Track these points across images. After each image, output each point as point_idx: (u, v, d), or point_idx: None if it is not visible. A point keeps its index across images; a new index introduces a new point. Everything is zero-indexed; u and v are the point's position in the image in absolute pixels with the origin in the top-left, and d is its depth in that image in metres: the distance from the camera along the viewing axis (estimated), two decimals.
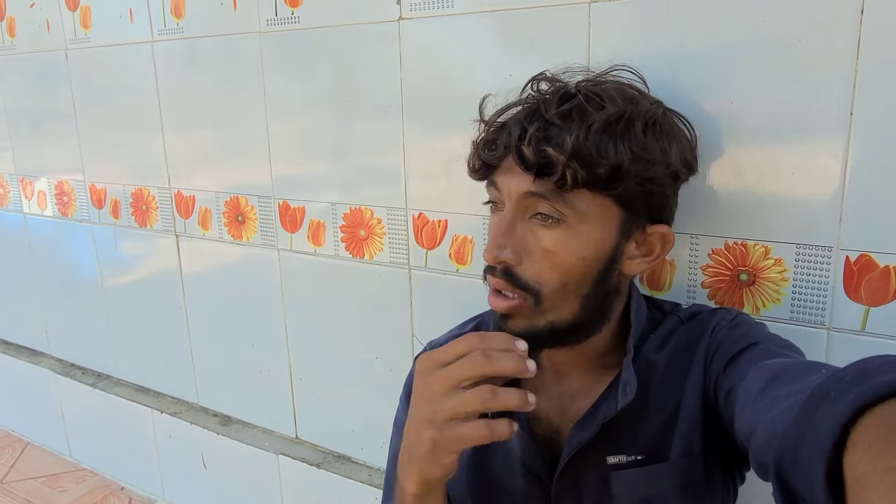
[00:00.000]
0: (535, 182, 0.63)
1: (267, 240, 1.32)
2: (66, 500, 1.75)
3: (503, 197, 0.67)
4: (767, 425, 0.46)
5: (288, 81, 1.21)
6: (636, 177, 0.63)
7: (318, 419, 1.38)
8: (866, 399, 0.33)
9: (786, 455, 0.40)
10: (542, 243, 0.64)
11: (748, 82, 0.78)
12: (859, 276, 0.76)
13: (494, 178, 0.68)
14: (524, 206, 0.65)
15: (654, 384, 0.70)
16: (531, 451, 0.71)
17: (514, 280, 0.65)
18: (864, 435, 0.32)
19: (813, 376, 0.46)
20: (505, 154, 0.66)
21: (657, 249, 0.70)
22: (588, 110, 0.63)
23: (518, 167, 0.64)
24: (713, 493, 0.71)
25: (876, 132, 0.72)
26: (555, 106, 0.64)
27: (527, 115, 0.65)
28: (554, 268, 0.64)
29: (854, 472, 0.32)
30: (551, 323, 0.66)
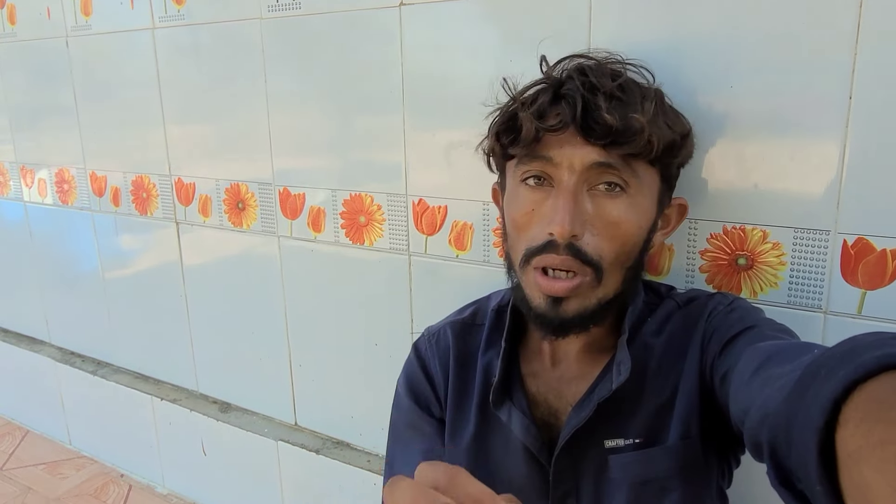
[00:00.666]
0: (606, 151, 0.62)
1: (267, 227, 1.32)
2: (65, 486, 1.75)
3: (559, 171, 0.64)
4: (760, 406, 0.46)
5: (289, 68, 1.21)
6: (684, 149, 0.69)
7: (317, 406, 1.38)
8: (857, 375, 0.33)
9: (779, 434, 0.40)
10: (606, 214, 0.64)
11: (747, 67, 0.78)
12: (856, 260, 0.77)
13: (545, 153, 0.64)
14: (587, 177, 0.64)
15: (652, 368, 0.71)
16: (531, 434, 0.71)
17: (580, 255, 0.64)
18: (856, 410, 0.32)
19: (805, 356, 0.46)
20: (567, 125, 0.63)
21: (673, 221, 0.75)
22: (637, 86, 0.67)
23: (580, 139, 0.63)
24: (709, 475, 0.71)
25: (874, 117, 0.73)
26: (609, 79, 0.65)
27: (585, 87, 0.64)
28: (614, 238, 0.65)
29: (846, 447, 0.32)
30: (600, 299, 0.66)
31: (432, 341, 0.82)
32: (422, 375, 0.81)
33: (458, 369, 0.79)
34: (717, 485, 0.73)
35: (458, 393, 0.79)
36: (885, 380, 0.32)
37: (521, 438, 0.71)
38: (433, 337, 0.83)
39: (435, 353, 0.81)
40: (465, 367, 0.79)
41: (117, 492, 1.72)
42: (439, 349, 0.81)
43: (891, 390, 0.31)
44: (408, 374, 0.83)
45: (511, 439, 0.73)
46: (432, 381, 0.81)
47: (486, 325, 0.80)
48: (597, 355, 0.73)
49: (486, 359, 0.78)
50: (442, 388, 0.80)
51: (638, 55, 0.74)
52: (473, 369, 0.79)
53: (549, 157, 0.64)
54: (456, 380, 0.79)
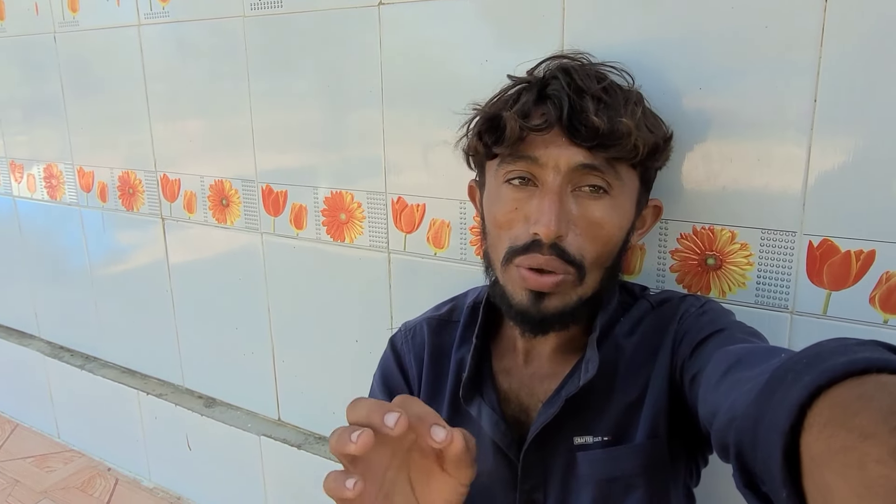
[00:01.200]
0: (591, 154, 0.63)
1: (251, 223, 1.33)
2: (53, 479, 1.76)
3: (545, 172, 0.65)
4: (728, 408, 0.47)
5: (271, 67, 1.21)
6: (665, 152, 0.70)
7: (299, 401, 1.39)
8: (822, 380, 0.33)
9: (745, 436, 0.40)
10: (590, 215, 0.65)
11: (716, 69, 0.79)
12: (821, 261, 0.77)
13: (531, 153, 0.65)
14: (571, 178, 0.65)
15: (622, 367, 0.71)
16: (500, 430, 0.72)
17: (563, 255, 0.64)
18: (820, 416, 0.33)
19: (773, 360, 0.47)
20: (552, 125, 0.63)
21: (649, 221, 0.76)
22: (620, 89, 0.67)
23: (565, 139, 0.63)
24: (676, 474, 0.72)
25: (838, 119, 0.73)
26: (594, 81, 0.65)
27: (568, 86, 0.64)
28: (596, 239, 0.66)
29: (810, 451, 0.33)
30: (580, 297, 0.67)
31: (408, 336, 0.83)
32: (396, 370, 0.82)
33: (432, 364, 0.80)
34: (684, 483, 0.74)
35: (431, 388, 0.79)
36: (849, 386, 0.33)
37: (490, 434, 0.72)
38: (409, 332, 0.84)
39: (410, 347, 0.82)
40: (439, 363, 0.80)
41: (104, 485, 1.73)
42: (415, 344, 0.82)
43: (854, 397, 0.32)
44: (383, 369, 0.84)
45: (481, 434, 0.74)
46: (406, 375, 0.82)
47: (461, 322, 0.81)
48: (569, 354, 0.74)
49: (459, 354, 0.79)
50: (416, 382, 0.81)
51: (605, 55, 0.75)
52: (447, 365, 0.79)
53: (534, 157, 0.65)
54: (429, 375, 0.80)
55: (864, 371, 0.33)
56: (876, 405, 0.30)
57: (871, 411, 0.30)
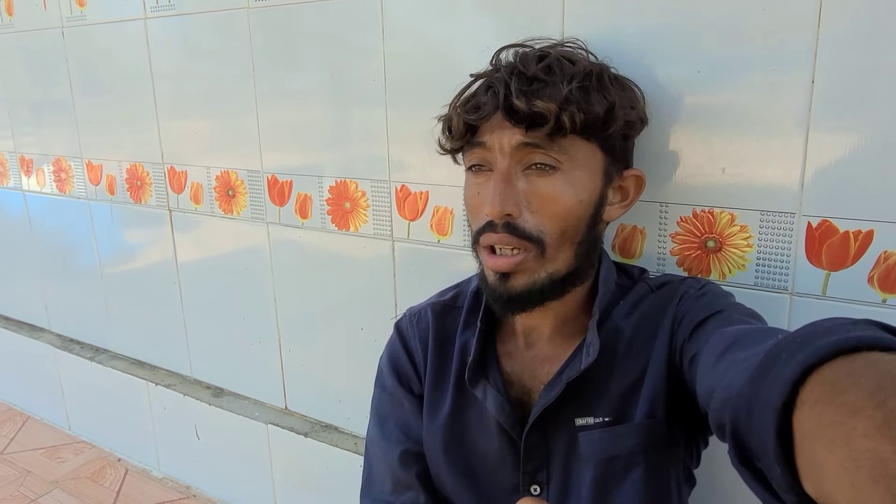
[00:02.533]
0: (528, 133, 0.65)
1: (256, 214, 1.35)
2: (63, 470, 1.79)
3: (493, 154, 0.68)
4: (724, 388, 0.48)
5: (276, 58, 1.23)
6: (621, 120, 0.69)
7: (306, 390, 1.41)
8: (814, 359, 0.34)
9: (740, 414, 0.41)
10: (541, 191, 0.67)
11: (714, 52, 0.79)
12: (820, 242, 0.78)
13: (480, 139, 0.69)
14: (518, 158, 0.67)
15: (622, 349, 0.72)
16: (504, 411, 0.73)
17: (517, 232, 0.67)
18: (812, 393, 0.34)
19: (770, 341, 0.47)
20: (493, 112, 0.67)
21: (632, 193, 0.76)
22: (565, 65, 0.68)
23: (507, 122, 0.66)
24: (676, 454, 0.73)
25: (837, 100, 0.74)
26: (534, 63, 0.68)
27: (509, 74, 0.67)
28: (554, 215, 0.67)
29: (802, 427, 0.34)
30: (550, 274, 0.69)
31: (413, 321, 0.85)
32: (403, 353, 0.84)
33: (437, 348, 0.81)
34: (683, 464, 0.75)
35: (437, 371, 0.81)
36: (839, 364, 0.34)
37: (496, 415, 0.73)
38: (414, 317, 0.85)
39: (416, 332, 0.84)
40: (444, 347, 0.81)
41: (114, 475, 1.75)
42: (420, 328, 0.84)
43: (843, 374, 0.33)
44: (390, 352, 0.86)
45: (485, 416, 0.76)
46: (413, 358, 0.83)
47: (464, 307, 0.83)
48: (569, 337, 0.75)
49: (463, 338, 0.80)
50: (422, 365, 0.82)
51: (606, 39, 0.76)
52: (451, 349, 0.81)
53: (482, 142, 0.69)
54: (435, 358, 0.81)
55: (855, 349, 0.34)
56: (864, 382, 0.31)
57: (859, 388, 0.31)
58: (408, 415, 0.82)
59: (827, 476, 0.31)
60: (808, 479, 0.34)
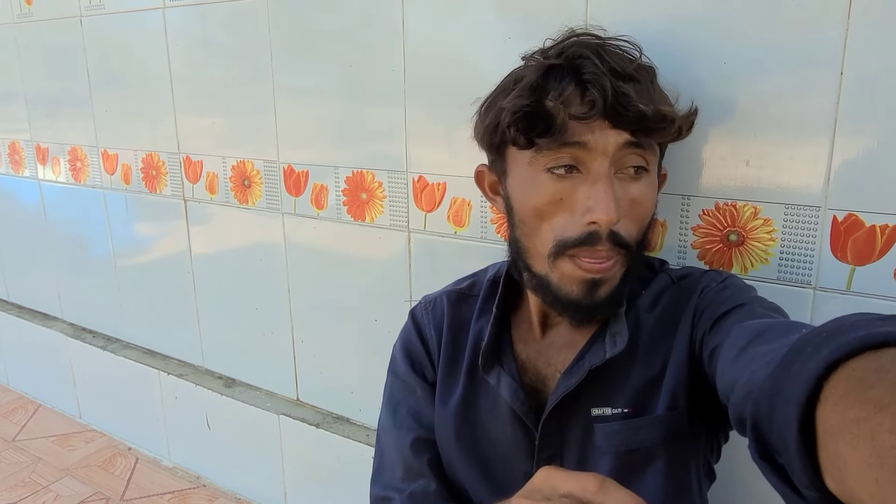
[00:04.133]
0: (634, 135, 0.63)
1: (272, 204, 1.35)
2: (74, 458, 1.80)
3: (592, 156, 0.63)
4: (746, 381, 0.47)
5: (293, 47, 1.23)
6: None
7: (318, 381, 1.41)
8: (840, 353, 0.34)
9: (762, 408, 0.41)
10: (633, 196, 0.66)
11: (742, 44, 0.79)
12: (846, 236, 0.77)
13: (579, 138, 0.63)
14: (619, 161, 0.65)
15: (643, 341, 0.72)
16: (519, 399, 0.73)
17: (619, 240, 0.64)
18: (836, 388, 0.33)
19: (793, 335, 0.47)
20: (599, 112, 0.62)
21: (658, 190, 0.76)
22: (645, 67, 0.68)
23: (607, 122, 0.62)
24: (697, 448, 0.72)
25: (865, 92, 0.73)
26: (624, 61, 0.66)
27: (609, 72, 0.63)
28: (639, 219, 0.67)
29: (825, 423, 0.33)
30: (622, 278, 0.68)
31: (428, 308, 0.85)
32: (417, 340, 0.83)
33: (452, 335, 0.81)
34: (704, 458, 0.74)
35: (450, 358, 0.80)
36: (866, 359, 0.33)
37: (510, 402, 0.73)
38: (429, 304, 0.85)
39: (430, 319, 0.83)
40: (458, 334, 0.81)
41: (124, 464, 1.76)
42: (434, 316, 0.83)
43: (870, 370, 0.32)
44: (404, 339, 0.85)
45: (498, 403, 0.75)
46: (427, 345, 0.83)
47: (480, 296, 0.82)
48: (586, 325, 0.74)
49: (478, 325, 0.80)
50: (436, 352, 0.82)
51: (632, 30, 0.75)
52: (465, 336, 0.80)
53: (582, 142, 0.63)
54: (448, 345, 0.81)
55: (883, 344, 0.33)
56: (891, 377, 0.31)
57: (886, 383, 0.30)
58: (420, 402, 0.82)
59: (850, 472, 0.31)
60: (830, 475, 0.33)
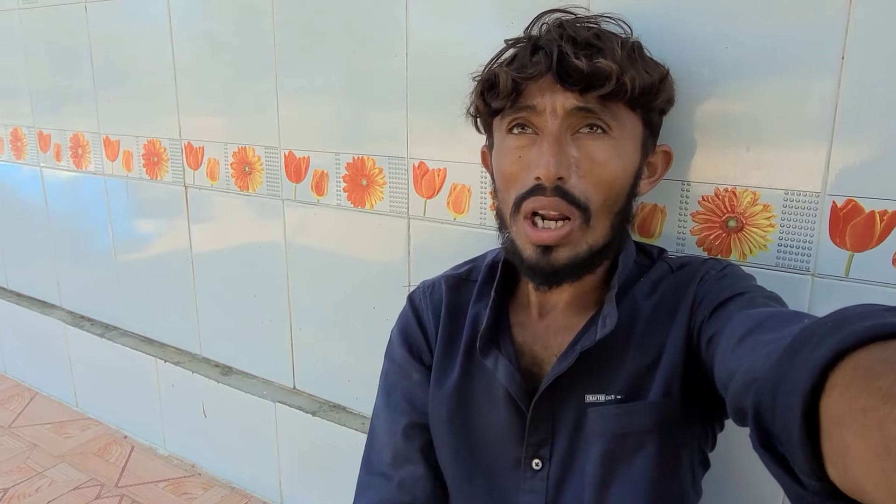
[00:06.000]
0: (584, 96, 0.64)
1: (272, 190, 1.35)
2: (70, 445, 1.79)
3: (542, 118, 0.66)
4: (747, 370, 0.47)
5: (296, 33, 1.23)
6: (667, 93, 0.70)
7: (315, 369, 1.40)
8: (846, 343, 0.33)
9: (765, 397, 0.41)
10: (591, 155, 0.66)
11: (743, 28, 0.79)
12: (845, 222, 0.77)
13: (528, 102, 0.67)
14: (569, 122, 0.66)
15: (639, 327, 0.71)
16: (515, 381, 0.73)
17: (567, 197, 0.65)
18: (842, 378, 0.33)
19: (795, 325, 0.47)
20: (545, 72, 0.65)
21: (660, 169, 0.77)
22: (611, 34, 0.68)
23: (558, 85, 0.65)
24: (690, 435, 0.72)
25: (865, 78, 0.73)
26: (584, 30, 0.67)
27: (559, 37, 0.66)
28: (602, 181, 0.67)
29: (830, 412, 0.33)
30: (590, 246, 0.68)
31: (426, 293, 0.85)
32: (415, 324, 0.84)
33: (449, 319, 0.81)
34: (698, 446, 0.74)
35: (447, 341, 0.80)
36: (872, 350, 0.33)
37: (506, 385, 0.73)
38: (428, 289, 0.85)
39: (428, 303, 0.84)
40: (456, 318, 0.81)
41: (119, 452, 1.75)
42: (433, 300, 0.83)
43: (877, 360, 0.32)
44: (402, 324, 0.85)
45: (494, 386, 0.75)
46: (425, 329, 0.83)
47: (478, 280, 0.82)
48: (584, 308, 0.75)
49: (475, 309, 0.80)
50: (433, 337, 0.82)
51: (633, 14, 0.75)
52: (463, 320, 0.80)
53: (531, 105, 0.66)
54: (445, 329, 0.81)
55: (890, 336, 0.33)
56: None
57: (894, 374, 0.30)
58: (415, 386, 0.82)
59: (854, 461, 0.31)
60: (834, 465, 0.33)
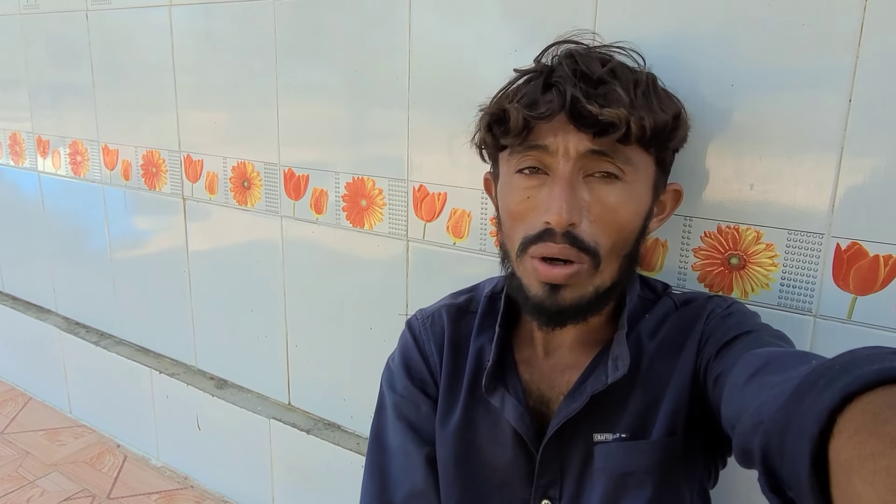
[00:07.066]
0: (595, 140, 0.62)
1: (271, 206, 1.34)
2: (63, 453, 1.78)
3: (554, 159, 0.64)
4: (754, 412, 0.46)
5: (298, 49, 1.22)
6: (682, 131, 0.69)
7: (310, 386, 1.39)
8: (855, 387, 0.33)
9: (772, 440, 0.40)
10: (603, 200, 0.64)
11: (749, 66, 0.78)
12: (849, 264, 0.76)
13: (541, 141, 0.64)
14: (582, 165, 0.64)
15: (644, 365, 0.70)
16: (524, 422, 0.71)
17: (577, 243, 0.63)
18: (851, 421, 0.32)
19: (803, 366, 0.46)
20: (557, 112, 0.63)
21: (668, 207, 0.75)
22: (626, 68, 0.66)
23: (571, 126, 0.63)
24: (692, 472, 0.71)
25: (873, 120, 0.72)
26: (598, 65, 0.65)
27: (572, 73, 0.64)
28: (611, 226, 0.65)
29: (839, 457, 0.32)
30: (596, 287, 0.66)
31: (427, 323, 0.82)
32: (417, 356, 0.81)
33: (452, 353, 0.79)
34: (700, 484, 0.73)
35: (451, 377, 0.78)
36: (881, 393, 0.32)
37: (515, 426, 0.71)
38: (428, 319, 0.83)
39: (430, 335, 0.81)
40: (459, 352, 0.79)
41: (112, 461, 1.74)
42: (434, 332, 0.81)
43: (886, 404, 0.32)
44: (404, 355, 0.82)
45: (500, 426, 0.73)
46: (428, 361, 0.80)
47: (478, 312, 0.81)
48: (590, 345, 0.73)
49: (478, 344, 0.78)
50: (437, 370, 0.80)
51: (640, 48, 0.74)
52: (465, 354, 0.78)
53: (543, 145, 0.64)
54: (449, 363, 0.79)
55: None
56: None
57: None
58: (423, 419, 0.79)
59: None
60: None
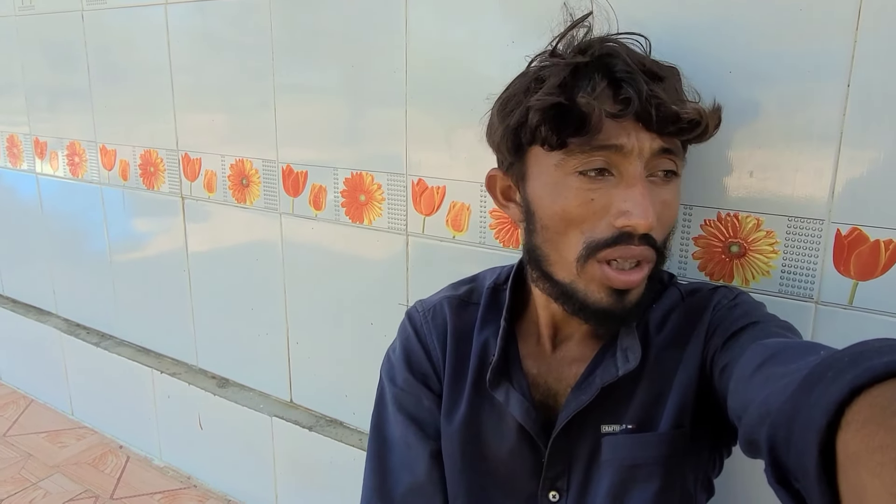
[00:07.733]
0: (666, 138, 0.62)
1: (270, 203, 1.33)
2: (65, 454, 1.78)
3: (628, 159, 0.61)
4: (761, 403, 0.46)
5: (295, 46, 1.22)
6: None
7: (312, 383, 1.39)
8: (863, 379, 0.33)
9: (779, 432, 0.40)
10: (664, 198, 0.64)
11: (747, 52, 0.78)
12: (849, 250, 0.76)
13: (614, 141, 0.61)
14: (652, 165, 0.63)
15: (652, 356, 0.70)
16: (530, 417, 0.71)
17: (652, 243, 0.63)
18: (859, 414, 0.32)
19: (810, 357, 0.46)
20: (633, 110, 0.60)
21: None
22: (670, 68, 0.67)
23: (640, 124, 0.61)
24: (698, 463, 0.71)
25: (872, 105, 0.72)
26: (654, 62, 0.65)
27: (641, 70, 0.62)
28: (668, 223, 0.65)
29: (846, 449, 0.32)
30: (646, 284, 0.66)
31: (428, 316, 0.81)
32: (419, 349, 0.80)
33: (455, 346, 0.78)
34: (705, 473, 0.73)
35: (455, 371, 0.77)
36: (889, 386, 0.32)
37: (521, 420, 0.71)
38: (429, 311, 0.81)
39: (432, 328, 0.80)
40: (462, 345, 0.78)
41: (115, 462, 1.74)
42: (436, 324, 0.80)
43: (894, 397, 0.31)
44: (405, 348, 0.81)
45: (505, 420, 0.73)
46: (430, 355, 0.79)
47: (481, 304, 0.79)
48: (597, 338, 0.72)
49: (481, 337, 0.77)
50: (440, 363, 0.78)
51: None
52: (468, 347, 0.77)
53: (617, 145, 0.61)
54: (453, 357, 0.78)
55: None
56: None
57: None
58: (426, 413, 0.78)
59: (870, 500, 0.30)
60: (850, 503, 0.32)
